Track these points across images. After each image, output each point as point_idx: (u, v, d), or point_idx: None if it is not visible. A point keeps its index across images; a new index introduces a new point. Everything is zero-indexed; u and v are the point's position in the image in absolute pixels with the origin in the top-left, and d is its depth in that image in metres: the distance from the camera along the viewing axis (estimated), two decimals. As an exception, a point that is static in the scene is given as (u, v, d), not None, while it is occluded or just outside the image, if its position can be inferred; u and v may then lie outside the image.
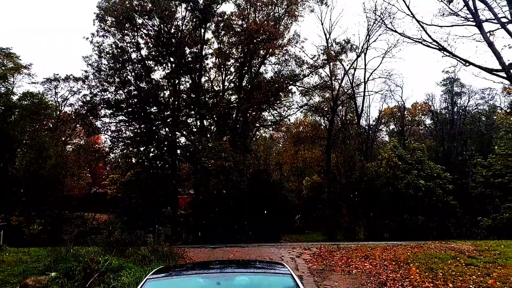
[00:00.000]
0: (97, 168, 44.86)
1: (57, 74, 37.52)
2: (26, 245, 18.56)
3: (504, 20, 6.37)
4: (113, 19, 26.82)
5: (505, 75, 6.25)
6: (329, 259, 14.06)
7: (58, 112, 37.36)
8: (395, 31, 13.64)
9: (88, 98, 28.52)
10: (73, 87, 36.81)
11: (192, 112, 29.14)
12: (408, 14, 8.35)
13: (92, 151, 37.48)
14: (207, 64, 30.34)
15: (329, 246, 17.48)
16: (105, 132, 29.75)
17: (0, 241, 16.31)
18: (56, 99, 37.94)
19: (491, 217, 27.30)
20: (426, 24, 8.02)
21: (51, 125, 34.59)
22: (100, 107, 28.23)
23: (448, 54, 7.55)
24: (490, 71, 6.53)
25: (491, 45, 6.46)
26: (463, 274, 10.49)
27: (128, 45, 28.07)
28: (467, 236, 25.69)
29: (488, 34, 6.60)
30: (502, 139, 30.60)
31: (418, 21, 8.00)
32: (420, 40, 8.26)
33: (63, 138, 36.26)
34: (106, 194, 35.87)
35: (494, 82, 52.56)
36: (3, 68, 29.53)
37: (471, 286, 9.31)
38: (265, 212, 25.77)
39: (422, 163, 29.44)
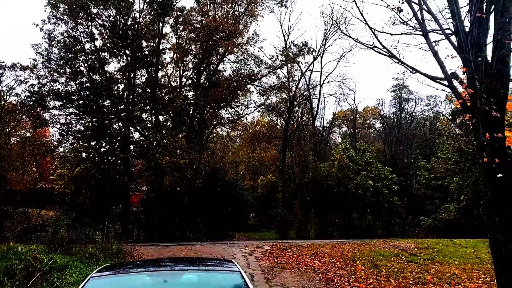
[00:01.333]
0: (44, 162, 42.69)
1: (3, 62, 35.16)
2: None
3: (448, 31, 6.77)
4: (66, 6, 25.59)
5: (447, 84, 6.64)
6: (281, 257, 14.30)
7: (2, 102, 35.24)
8: (349, 37, 14.15)
9: (36, 88, 26.89)
10: (20, 76, 34.16)
11: (148, 107, 28.48)
12: (361, 21, 8.57)
13: (39, 144, 34.85)
14: (165, 59, 30.01)
15: (281, 244, 17.74)
16: (54, 125, 28.28)
17: None
18: (0, 88, 35.94)
19: (432, 217, 29.18)
20: (378, 31, 8.28)
21: None
22: (49, 98, 26.79)
23: (397, 61, 7.86)
24: (434, 79, 6.91)
25: (435, 54, 6.83)
26: (404, 271, 11.12)
27: (82, 34, 26.90)
28: (410, 234, 27.14)
29: (433, 44, 6.96)
30: (444, 144, 32.58)
31: (370, 28, 8.24)
32: (372, 46, 8.51)
33: (7, 130, 34.00)
34: (53, 189, 34.30)
35: (437, 89, 55.48)
36: None
37: (411, 282, 9.84)
38: (220, 210, 25.75)
39: (371, 165, 30.67)
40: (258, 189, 39.68)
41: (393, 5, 7.78)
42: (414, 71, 7.41)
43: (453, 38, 6.59)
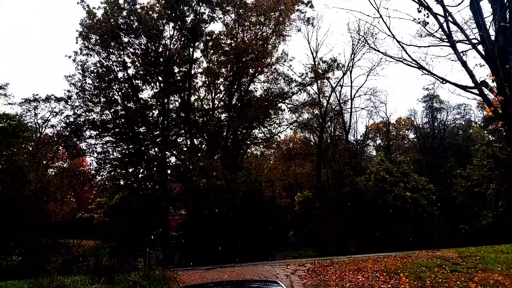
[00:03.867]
0: (82, 192, 42.98)
1: (37, 94, 35.64)
2: (2, 279, 17.52)
3: (474, 41, 6.91)
4: (97, 37, 26.42)
5: (477, 92, 6.74)
6: (323, 274, 14.20)
7: (38, 134, 35.14)
8: (378, 51, 14.33)
9: (71, 119, 27.43)
10: (55, 107, 34.32)
11: (182, 131, 28.96)
12: (389, 35, 8.82)
13: (76, 174, 34.89)
14: (197, 83, 30.46)
15: (323, 261, 17.57)
16: (91, 154, 28.55)
17: None
18: (36, 120, 35.53)
19: (471, 225, 28.45)
20: (406, 44, 8.47)
21: (30, 148, 32.30)
22: (84, 128, 27.29)
23: (426, 72, 8.00)
24: (464, 88, 7.02)
25: (464, 64, 6.95)
26: (448, 281, 10.97)
27: (114, 64, 27.53)
28: (450, 243, 26.45)
29: (461, 54, 7.09)
30: (478, 151, 32.07)
31: (398, 42, 8.47)
32: (401, 59, 8.70)
33: (44, 162, 34.27)
34: (93, 219, 34.47)
35: (468, 98, 54.63)
36: (-27, 88, 26.93)
37: (456, 291, 9.72)
38: (258, 229, 25.73)
39: (407, 176, 30.20)
40: (295, 206, 39.48)
41: (418, 19, 8.00)
42: (444, 82, 7.56)
43: (480, 47, 6.75)
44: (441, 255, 16.09)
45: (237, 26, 29.20)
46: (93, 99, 27.60)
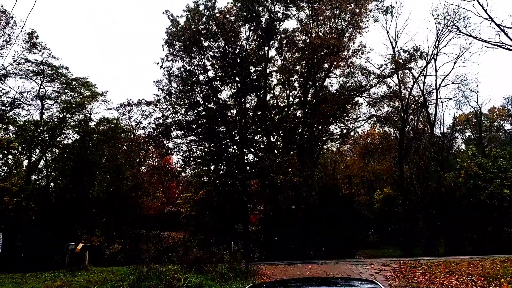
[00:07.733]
0: (170, 188, 46.05)
1: (130, 99, 38.93)
2: (106, 264, 19.41)
3: None
4: (180, 43, 28.02)
5: None
6: (411, 276, 13.52)
7: (132, 135, 38.69)
8: (470, 36, 13.08)
9: (160, 121, 29.52)
10: (145, 110, 38.04)
11: (259, 129, 29.51)
12: (486, 19, 8.10)
13: (165, 171, 37.22)
14: (272, 81, 30.58)
15: (409, 262, 16.82)
16: (177, 153, 30.39)
17: (86, 261, 16.98)
18: (130, 123, 39.43)
19: None
20: (506, 27, 7.62)
21: (126, 148, 35.12)
22: (171, 128, 29.04)
23: (531, 55, 7.09)
24: None
25: None
26: (561, 289, 9.72)
27: (196, 67, 29.04)
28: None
29: None
30: None
31: (498, 25, 7.71)
32: (500, 44, 7.87)
33: (137, 160, 37.18)
34: (180, 212, 36.22)
35: None
36: (80, 96, 30.53)
37: None
38: (337, 227, 25.23)
39: (505, 172, 27.33)
40: (375, 203, 38.12)
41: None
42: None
43: None
44: (548, 260, 14.47)
45: (311, 21, 28.61)
46: (179, 102, 29.38)
